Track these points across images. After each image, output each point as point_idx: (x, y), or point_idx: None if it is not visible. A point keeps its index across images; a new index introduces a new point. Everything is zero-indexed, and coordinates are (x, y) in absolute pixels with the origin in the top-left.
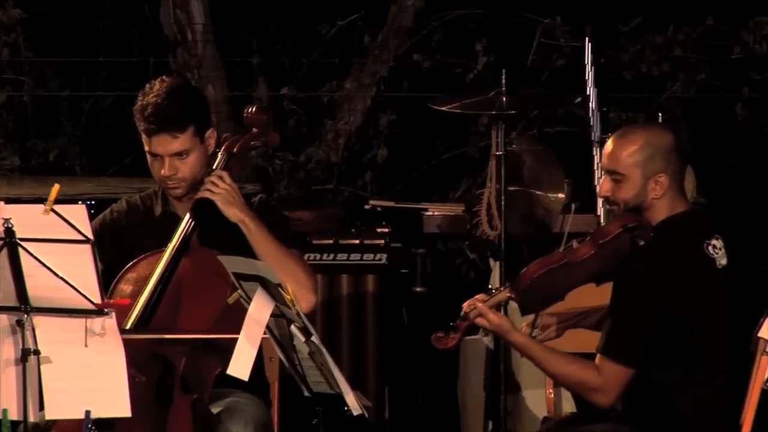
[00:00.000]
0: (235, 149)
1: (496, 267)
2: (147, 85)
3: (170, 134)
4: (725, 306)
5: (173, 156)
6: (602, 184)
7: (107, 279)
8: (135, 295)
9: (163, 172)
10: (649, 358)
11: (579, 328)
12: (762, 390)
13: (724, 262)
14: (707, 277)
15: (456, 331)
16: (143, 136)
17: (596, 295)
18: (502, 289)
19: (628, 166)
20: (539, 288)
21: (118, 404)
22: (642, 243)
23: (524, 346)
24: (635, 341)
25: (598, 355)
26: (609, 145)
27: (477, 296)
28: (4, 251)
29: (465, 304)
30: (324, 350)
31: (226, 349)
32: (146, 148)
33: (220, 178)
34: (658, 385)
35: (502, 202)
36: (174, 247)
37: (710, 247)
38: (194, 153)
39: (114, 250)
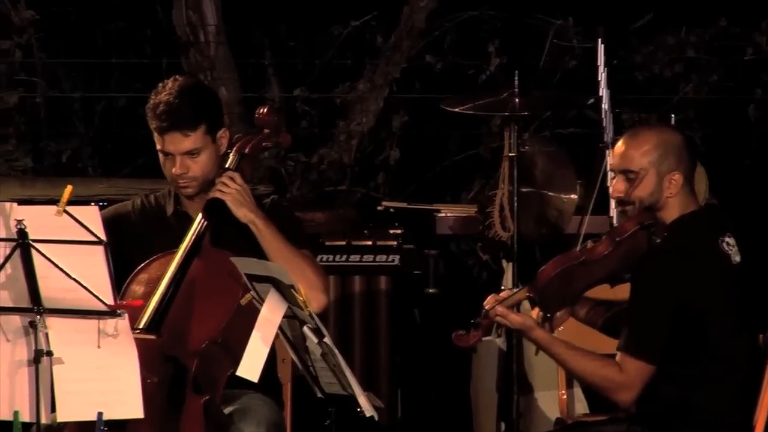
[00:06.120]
0: (246, 150)
1: (508, 268)
2: (160, 84)
3: (181, 132)
4: (741, 302)
5: (184, 154)
6: (615, 184)
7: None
8: (147, 296)
9: (174, 170)
10: (668, 354)
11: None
12: None
13: (738, 259)
14: (724, 272)
15: (477, 329)
16: (155, 135)
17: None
18: (520, 287)
19: (643, 165)
20: (557, 286)
21: (130, 406)
22: (658, 241)
23: (547, 343)
24: (656, 337)
25: (619, 353)
26: (620, 145)
27: (498, 294)
28: (17, 252)
29: (486, 302)
30: (336, 351)
31: (239, 349)
32: (158, 147)
33: (231, 178)
34: (676, 382)
35: (515, 204)
36: (186, 247)
37: (725, 244)
38: (206, 152)
39: (121, 240)
